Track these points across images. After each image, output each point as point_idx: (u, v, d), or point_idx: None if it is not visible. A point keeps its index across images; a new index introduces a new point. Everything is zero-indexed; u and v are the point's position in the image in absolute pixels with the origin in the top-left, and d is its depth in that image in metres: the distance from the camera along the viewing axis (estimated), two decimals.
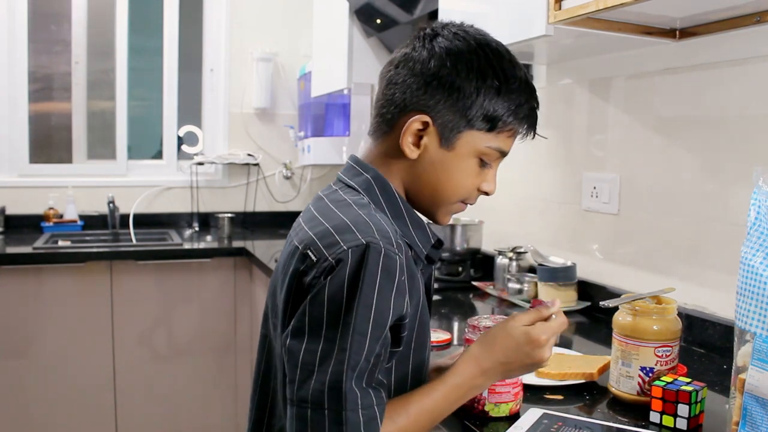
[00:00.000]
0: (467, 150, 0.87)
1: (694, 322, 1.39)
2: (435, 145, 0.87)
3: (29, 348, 2.53)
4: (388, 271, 0.77)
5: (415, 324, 0.87)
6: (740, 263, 0.82)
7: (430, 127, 0.86)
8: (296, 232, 0.87)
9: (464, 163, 0.88)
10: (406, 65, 0.87)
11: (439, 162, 0.87)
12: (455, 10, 1.73)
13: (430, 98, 0.85)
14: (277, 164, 3.46)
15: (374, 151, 0.92)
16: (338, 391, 0.73)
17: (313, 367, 0.74)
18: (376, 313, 0.75)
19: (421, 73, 0.85)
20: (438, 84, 0.84)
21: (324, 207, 0.86)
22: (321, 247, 0.78)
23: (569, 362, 1.20)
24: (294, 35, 3.42)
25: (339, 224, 0.80)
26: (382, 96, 0.90)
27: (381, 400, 0.77)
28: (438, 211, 0.93)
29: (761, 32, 1.27)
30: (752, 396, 0.79)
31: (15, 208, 3.01)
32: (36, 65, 3.18)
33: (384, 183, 0.89)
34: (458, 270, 2.02)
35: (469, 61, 0.85)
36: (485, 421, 0.97)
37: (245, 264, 2.80)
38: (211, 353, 2.78)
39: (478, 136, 0.86)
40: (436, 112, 0.85)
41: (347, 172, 0.92)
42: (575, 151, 1.81)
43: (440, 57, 0.85)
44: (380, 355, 0.78)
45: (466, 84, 0.84)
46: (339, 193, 0.89)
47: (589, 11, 1.23)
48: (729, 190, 1.35)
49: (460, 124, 0.85)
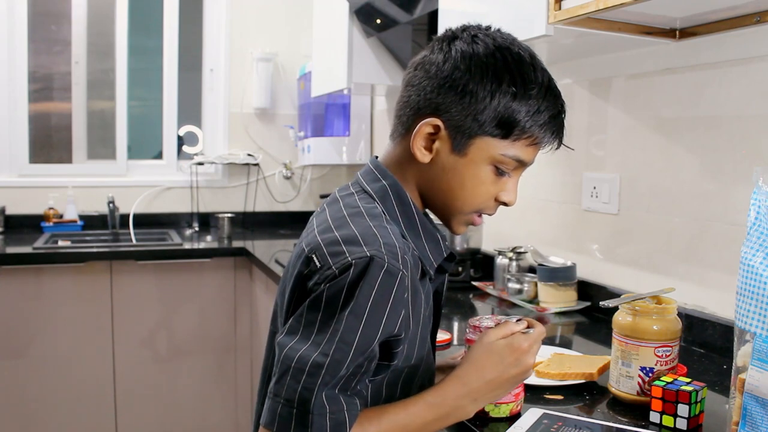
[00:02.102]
0: (480, 157, 0.84)
1: (694, 322, 1.39)
2: (447, 150, 0.85)
3: (29, 348, 2.53)
4: (387, 286, 0.76)
5: (416, 341, 0.86)
6: (740, 263, 0.82)
7: (442, 131, 0.84)
8: (307, 233, 0.87)
9: (478, 171, 0.85)
10: (423, 67, 0.86)
11: (451, 168, 0.85)
12: (455, 10, 1.74)
13: (442, 101, 0.83)
14: (277, 164, 3.46)
15: (392, 154, 0.91)
16: (309, 393, 0.74)
17: (292, 365, 0.75)
18: (365, 326, 0.75)
19: (435, 76, 0.84)
20: (450, 87, 0.83)
21: (337, 212, 0.85)
22: (326, 255, 0.78)
23: (569, 362, 1.20)
24: (294, 35, 3.42)
25: (348, 234, 0.80)
26: (401, 98, 0.89)
27: (353, 407, 0.76)
28: (452, 220, 0.91)
29: (761, 32, 1.27)
30: (752, 396, 0.79)
31: (15, 208, 3.01)
32: (36, 65, 3.18)
33: (401, 193, 0.87)
34: (458, 270, 2.02)
35: (485, 65, 0.82)
36: (485, 421, 0.97)
37: (245, 264, 2.80)
38: (211, 353, 2.78)
39: (492, 143, 0.84)
40: (448, 116, 0.83)
41: (366, 175, 0.91)
42: (575, 151, 1.81)
43: (455, 60, 0.83)
44: (362, 365, 0.77)
45: (480, 88, 0.82)
46: (354, 197, 0.87)
47: (589, 11, 1.23)
48: (729, 190, 1.35)
49: (472, 129, 0.83)
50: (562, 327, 1.60)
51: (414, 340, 0.85)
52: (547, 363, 1.19)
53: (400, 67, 2.55)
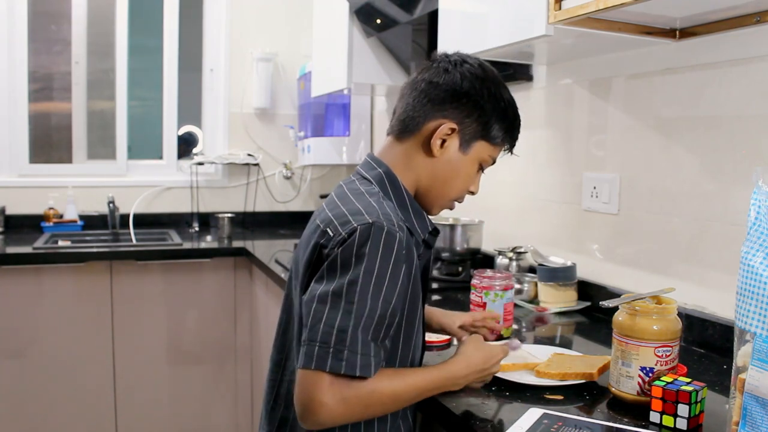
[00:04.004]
0: (476, 156, 1.08)
1: (694, 322, 1.39)
2: (455, 148, 1.06)
3: (29, 348, 2.53)
4: (388, 244, 0.93)
5: (406, 301, 0.99)
6: (740, 263, 0.82)
7: (455, 134, 1.05)
8: (319, 213, 1.05)
9: (470, 167, 1.09)
10: (440, 81, 1.05)
11: (455, 162, 1.07)
12: (455, 10, 1.73)
13: (458, 111, 1.05)
14: (277, 164, 3.47)
15: (396, 149, 1.09)
16: (344, 333, 0.88)
17: (323, 315, 0.90)
18: (377, 278, 0.91)
19: (454, 90, 1.05)
20: (467, 101, 1.05)
21: (343, 194, 1.04)
22: (337, 225, 0.95)
23: (569, 362, 1.20)
24: (294, 35, 3.42)
25: (352, 209, 0.97)
26: (414, 102, 1.07)
27: (378, 356, 0.91)
28: (436, 205, 1.11)
29: (761, 32, 1.27)
30: (752, 396, 0.79)
31: (15, 208, 3.01)
32: (36, 65, 3.18)
33: (393, 178, 1.07)
34: (458, 270, 2.02)
35: (489, 88, 1.06)
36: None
37: (245, 264, 2.80)
38: (211, 353, 2.78)
39: (485, 147, 1.08)
40: (462, 123, 1.05)
41: (364, 166, 1.10)
42: (575, 151, 1.81)
43: (471, 80, 1.05)
44: (384, 317, 0.91)
45: (487, 104, 1.05)
46: (356, 183, 1.06)
47: (589, 11, 1.23)
48: (729, 190, 1.35)
49: (477, 134, 1.06)
50: (562, 327, 1.60)
51: (413, 299, 1.01)
52: (548, 363, 1.19)
53: (400, 67, 2.55)
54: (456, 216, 2.16)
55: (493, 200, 2.17)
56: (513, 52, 1.70)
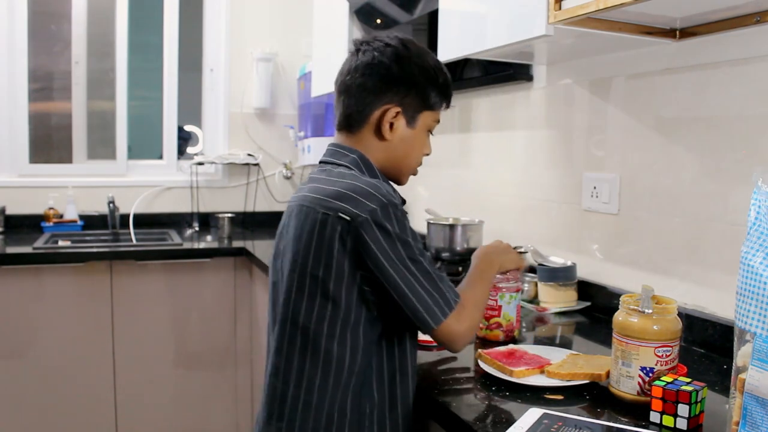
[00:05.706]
0: (423, 126, 1.19)
1: (694, 322, 1.39)
2: (404, 127, 1.16)
3: (29, 348, 2.53)
4: (403, 216, 1.06)
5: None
6: (740, 263, 0.82)
7: (400, 115, 1.15)
8: (312, 203, 1.08)
9: (421, 137, 1.19)
10: (371, 71, 1.13)
11: (407, 138, 1.17)
12: (455, 10, 1.73)
13: (395, 94, 1.14)
14: (277, 164, 3.47)
15: (351, 140, 1.17)
16: (434, 283, 1.06)
17: (414, 279, 1.04)
18: (412, 235, 1.06)
19: (388, 77, 1.13)
20: (402, 82, 1.14)
21: (333, 183, 1.09)
22: (350, 209, 1.03)
23: (582, 362, 1.19)
24: (294, 35, 3.42)
25: (358, 190, 1.05)
26: (355, 99, 1.15)
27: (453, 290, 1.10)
28: (404, 176, 1.23)
29: (761, 32, 1.27)
30: (752, 396, 0.79)
31: (15, 208, 3.01)
32: (36, 65, 3.18)
33: (366, 160, 1.16)
34: (458, 270, 2.02)
35: (416, 63, 1.15)
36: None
37: (245, 264, 2.80)
38: (211, 353, 2.78)
39: (429, 114, 1.18)
40: (403, 103, 1.14)
41: (335, 155, 1.17)
42: (575, 151, 1.81)
43: (399, 62, 1.13)
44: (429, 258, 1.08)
45: (420, 78, 1.15)
46: (334, 171, 1.13)
47: (589, 11, 1.23)
48: (729, 190, 1.35)
49: (419, 107, 1.16)
50: (562, 327, 1.60)
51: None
52: (561, 363, 1.19)
53: None
54: (456, 216, 2.16)
55: (493, 200, 2.17)
56: (513, 52, 1.70)
